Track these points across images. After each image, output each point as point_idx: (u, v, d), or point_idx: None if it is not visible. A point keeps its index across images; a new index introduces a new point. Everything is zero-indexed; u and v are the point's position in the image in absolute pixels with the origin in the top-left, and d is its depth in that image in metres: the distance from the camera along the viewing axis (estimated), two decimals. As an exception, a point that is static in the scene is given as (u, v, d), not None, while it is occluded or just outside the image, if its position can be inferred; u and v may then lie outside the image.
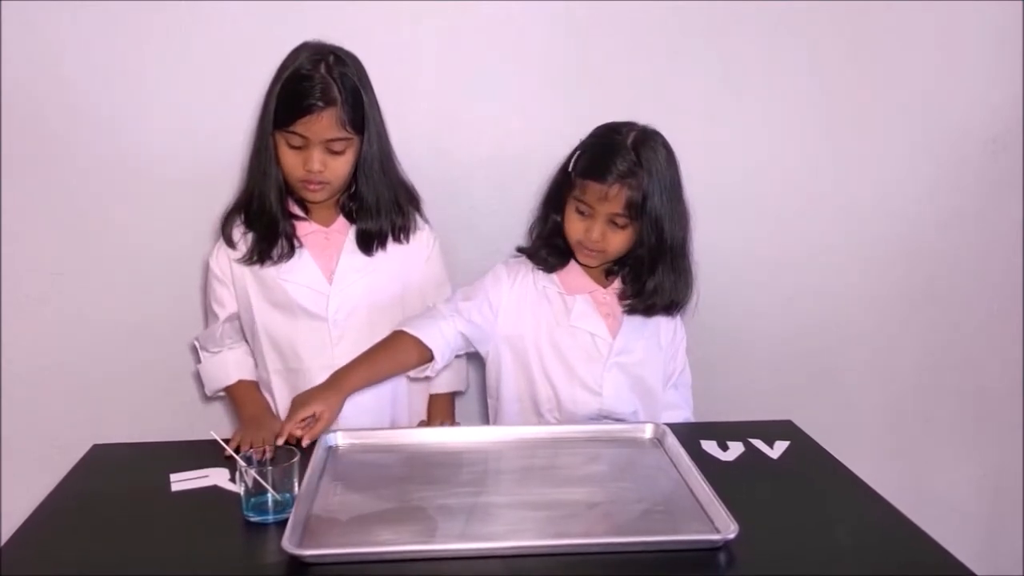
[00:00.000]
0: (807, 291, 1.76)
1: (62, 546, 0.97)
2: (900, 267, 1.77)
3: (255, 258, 1.35)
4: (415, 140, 1.39)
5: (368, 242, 1.39)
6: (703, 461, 1.16)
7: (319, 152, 1.28)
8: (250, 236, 1.36)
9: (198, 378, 1.60)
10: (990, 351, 1.84)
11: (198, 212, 1.55)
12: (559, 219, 1.37)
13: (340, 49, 1.30)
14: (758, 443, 1.25)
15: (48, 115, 1.50)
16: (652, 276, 1.36)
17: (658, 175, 1.29)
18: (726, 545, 0.95)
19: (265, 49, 1.48)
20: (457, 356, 1.45)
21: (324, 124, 1.26)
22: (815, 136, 1.68)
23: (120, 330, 1.60)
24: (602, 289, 1.40)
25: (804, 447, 1.26)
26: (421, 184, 1.46)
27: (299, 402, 1.22)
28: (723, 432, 1.28)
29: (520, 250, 1.44)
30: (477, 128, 1.60)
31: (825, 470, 1.20)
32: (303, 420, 1.20)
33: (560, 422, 1.38)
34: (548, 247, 1.40)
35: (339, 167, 1.31)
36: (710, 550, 0.95)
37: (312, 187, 1.31)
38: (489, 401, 1.48)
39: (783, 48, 1.62)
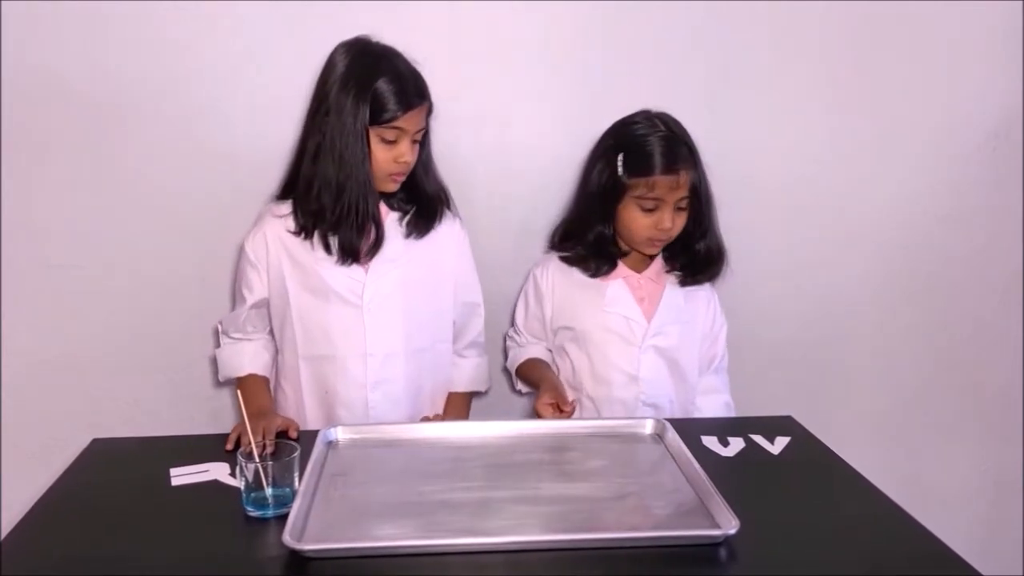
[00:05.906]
0: (807, 286, 1.76)
1: (62, 540, 0.97)
2: (901, 262, 1.77)
3: (349, 259, 1.34)
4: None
5: (420, 226, 1.40)
6: (704, 457, 1.16)
7: (409, 143, 1.32)
8: (333, 237, 1.34)
9: (199, 372, 1.60)
10: (991, 346, 1.84)
11: (197, 209, 1.55)
12: (608, 231, 1.40)
13: (390, 47, 1.34)
14: (759, 439, 1.25)
15: (48, 106, 1.49)
16: (704, 239, 1.42)
17: (696, 149, 1.37)
18: (727, 541, 0.95)
19: (269, 47, 1.49)
20: (480, 356, 1.52)
21: (420, 117, 1.32)
22: (817, 133, 1.67)
23: (120, 324, 1.60)
24: (635, 274, 1.43)
25: (805, 443, 1.26)
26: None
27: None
28: (724, 428, 1.29)
29: (563, 259, 1.46)
30: (480, 122, 1.59)
31: (826, 466, 1.20)
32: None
33: (596, 406, 1.43)
34: (599, 256, 1.42)
35: (415, 157, 1.35)
36: (711, 545, 0.95)
37: (398, 178, 1.35)
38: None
39: (785, 46, 1.62)
